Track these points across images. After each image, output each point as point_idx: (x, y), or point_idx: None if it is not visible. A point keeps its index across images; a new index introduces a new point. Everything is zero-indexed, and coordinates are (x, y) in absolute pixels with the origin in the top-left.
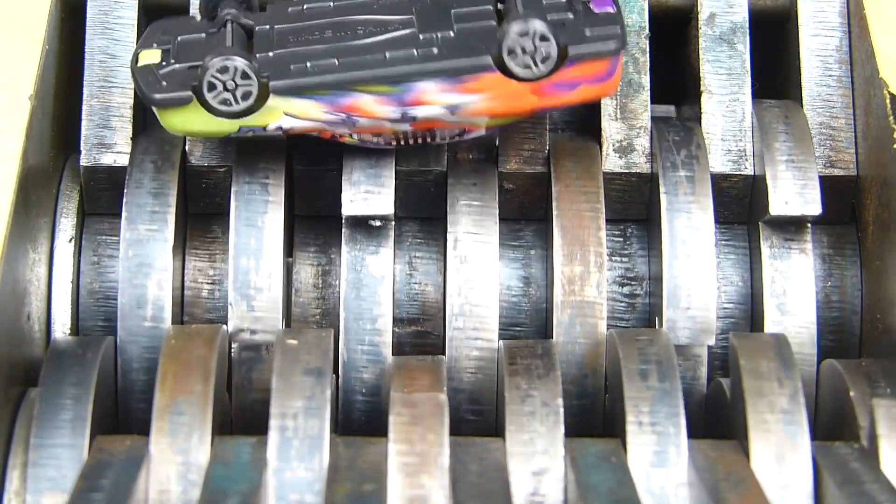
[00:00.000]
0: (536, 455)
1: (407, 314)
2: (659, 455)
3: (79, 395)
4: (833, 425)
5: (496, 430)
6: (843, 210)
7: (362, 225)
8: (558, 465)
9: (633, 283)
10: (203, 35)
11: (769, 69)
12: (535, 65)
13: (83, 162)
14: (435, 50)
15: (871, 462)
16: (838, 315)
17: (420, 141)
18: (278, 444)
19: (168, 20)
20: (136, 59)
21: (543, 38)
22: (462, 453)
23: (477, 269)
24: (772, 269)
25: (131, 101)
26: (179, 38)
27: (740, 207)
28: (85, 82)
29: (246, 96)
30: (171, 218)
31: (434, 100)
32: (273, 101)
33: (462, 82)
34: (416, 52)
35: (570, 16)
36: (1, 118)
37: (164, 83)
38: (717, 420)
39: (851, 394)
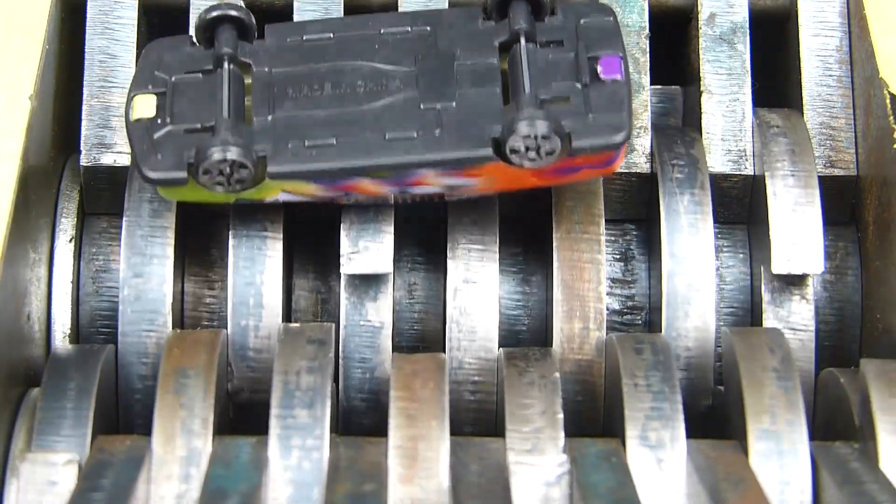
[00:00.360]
0: (537, 455)
1: (406, 343)
2: (658, 455)
3: (80, 399)
4: (830, 425)
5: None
6: (843, 210)
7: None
8: (559, 465)
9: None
10: (200, 76)
11: (769, 69)
12: (539, 157)
13: (83, 162)
14: (437, 132)
15: (870, 462)
16: (838, 315)
17: (419, 199)
18: (278, 443)
19: (164, 44)
20: (129, 104)
21: (545, 138)
22: (462, 453)
23: (476, 302)
24: (772, 315)
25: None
26: (175, 80)
27: (740, 207)
28: (85, 82)
29: (241, 181)
30: (172, 222)
31: (433, 181)
32: (270, 181)
33: (462, 168)
34: (416, 135)
35: (578, 86)
36: (1, 118)
37: (160, 156)
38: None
39: (850, 395)
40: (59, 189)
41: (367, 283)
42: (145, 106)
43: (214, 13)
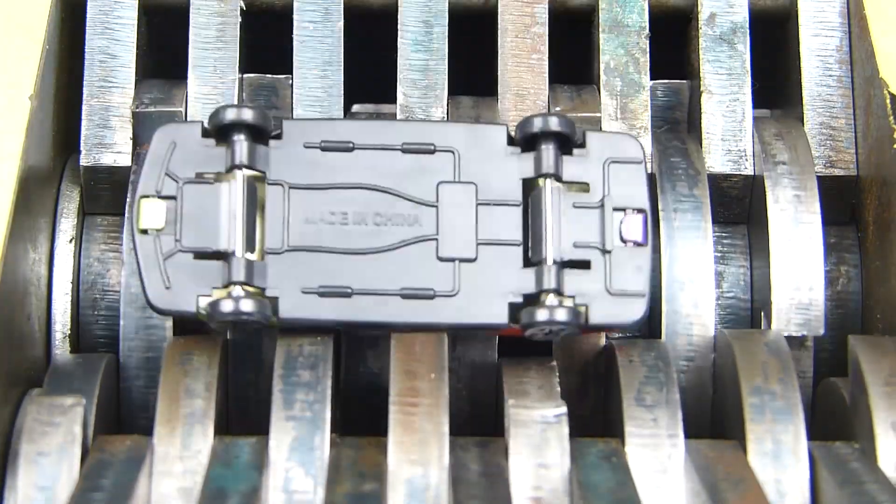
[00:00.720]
0: (538, 455)
1: None
2: (658, 455)
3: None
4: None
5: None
6: (843, 210)
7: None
8: (559, 465)
9: None
10: (212, 180)
11: (769, 69)
12: (556, 336)
13: (83, 162)
14: (454, 294)
15: (870, 462)
16: (838, 315)
17: None
18: (278, 443)
19: (175, 132)
20: (137, 207)
21: (559, 325)
22: (462, 453)
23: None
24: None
25: (131, 101)
26: (184, 185)
27: (740, 207)
28: (85, 82)
29: (253, 325)
30: None
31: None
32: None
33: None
34: (433, 292)
35: (599, 251)
36: (1, 118)
37: (168, 283)
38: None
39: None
40: (59, 189)
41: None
42: (153, 213)
43: (230, 117)
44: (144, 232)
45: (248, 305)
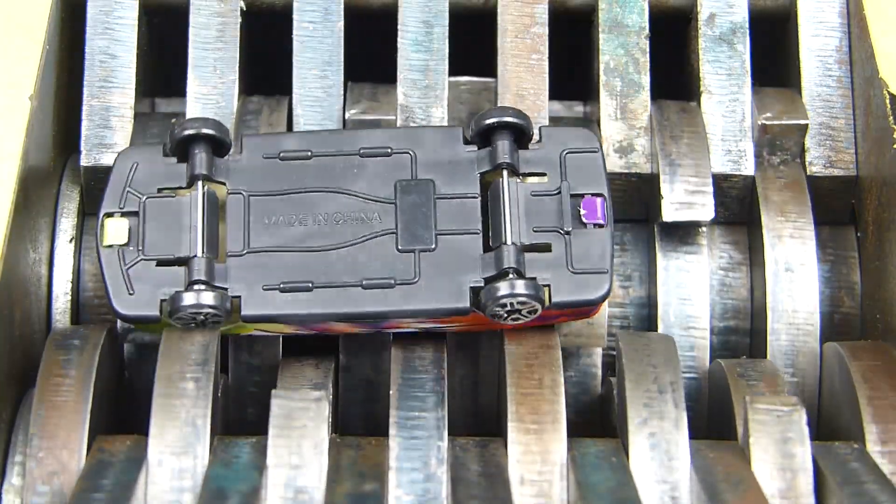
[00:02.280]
0: (537, 455)
1: None
2: (659, 456)
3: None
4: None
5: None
6: (843, 210)
7: None
8: (559, 465)
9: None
10: (172, 196)
11: (769, 70)
12: (521, 316)
13: (83, 162)
14: (415, 281)
15: (870, 461)
16: (838, 315)
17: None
18: (278, 443)
19: (136, 155)
20: (101, 226)
21: (524, 302)
22: (462, 453)
23: None
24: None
25: (131, 102)
26: (146, 200)
27: (740, 207)
28: (85, 82)
29: (214, 325)
30: None
31: (409, 325)
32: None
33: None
34: (393, 282)
35: (560, 233)
36: (1, 118)
37: (132, 291)
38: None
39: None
40: (60, 189)
41: None
42: (116, 231)
43: (188, 131)
44: (109, 247)
45: (208, 298)
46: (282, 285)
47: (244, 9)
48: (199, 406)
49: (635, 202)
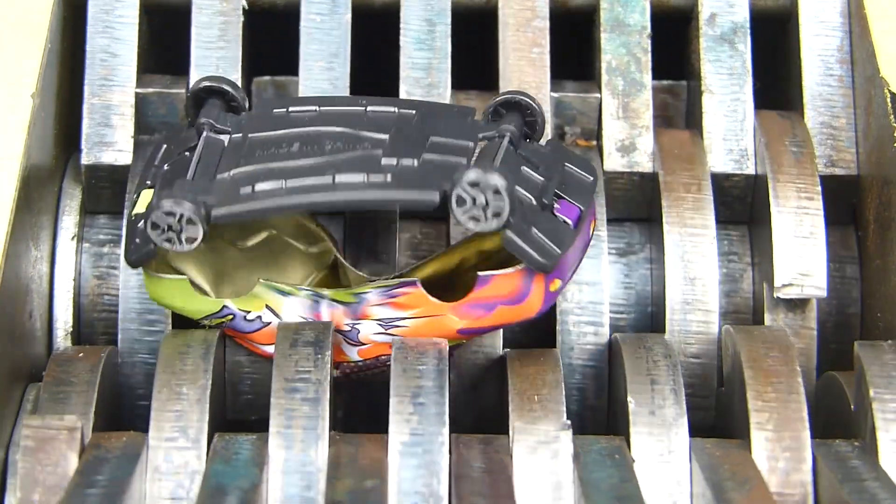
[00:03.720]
0: (541, 451)
1: None
2: (661, 453)
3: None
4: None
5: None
6: (844, 210)
7: None
8: (563, 462)
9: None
10: (186, 154)
11: (770, 69)
12: (486, 218)
13: (84, 160)
14: (388, 178)
15: (871, 459)
16: (838, 313)
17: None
18: (279, 440)
19: (174, 135)
20: (134, 203)
21: (497, 193)
22: (465, 450)
23: None
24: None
25: (132, 100)
26: (165, 168)
27: (742, 207)
28: (86, 81)
29: (190, 241)
30: None
31: (372, 313)
32: (258, 289)
33: (391, 297)
34: (365, 179)
35: (534, 202)
36: (3, 116)
37: (137, 240)
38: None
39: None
40: (62, 187)
41: None
42: (142, 201)
43: (201, 84)
44: (136, 216)
45: (183, 207)
46: (256, 188)
47: (246, 8)
48: (196, 401)
49: (637, 201)
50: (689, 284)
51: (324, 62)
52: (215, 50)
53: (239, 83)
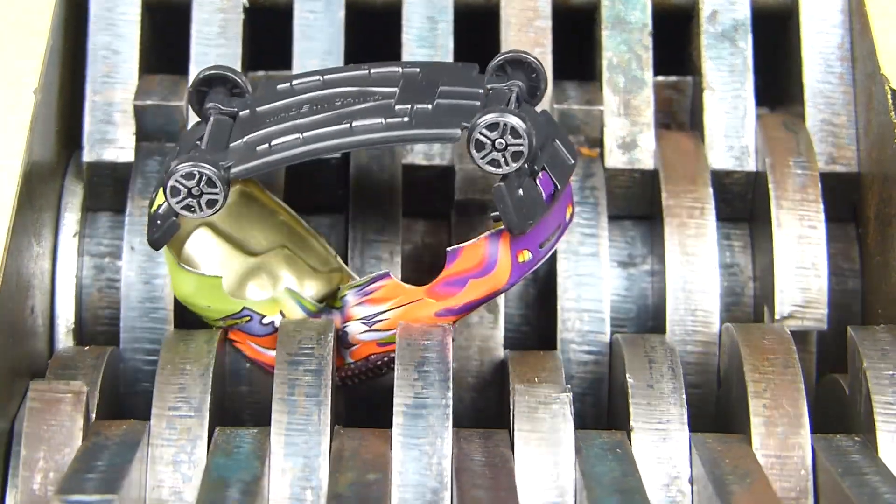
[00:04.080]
0: (544, 445)
1: None
2: (663, 447)
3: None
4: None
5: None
6: (845, 206)
7: None
8: (565, 456)
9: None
10: (198, 143)
11: (771, 66)
12: (505, 161)
13: (86, 157)
14: (405, 119)
15: (871, 454)
16: (839, 311)
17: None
18: (281, 433)
19: (185, 134)
20: (152, 201)
21: (516, 134)
22: (466, 444)
23: None
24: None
25: (133, 97)
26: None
27: (742, 204)
28: (88, 78)
29: (211, 204)
30: None
31: (354, 313)
32: (280, 294)
33: (366, 294)
34: (383, 122)
35: (524, 165)
36: (6, 113)
37: (158, 221)
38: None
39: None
40: (63, 184)
41: None
42: (162, 196)
43: (202, 75)
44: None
45: (204, 169)
46: (273, 144)
47: (247, 5)
48: (197, 391)
49: (638, 198)
50: (689, 286)
51: (318, 60)
52: (215, 47)
53: None
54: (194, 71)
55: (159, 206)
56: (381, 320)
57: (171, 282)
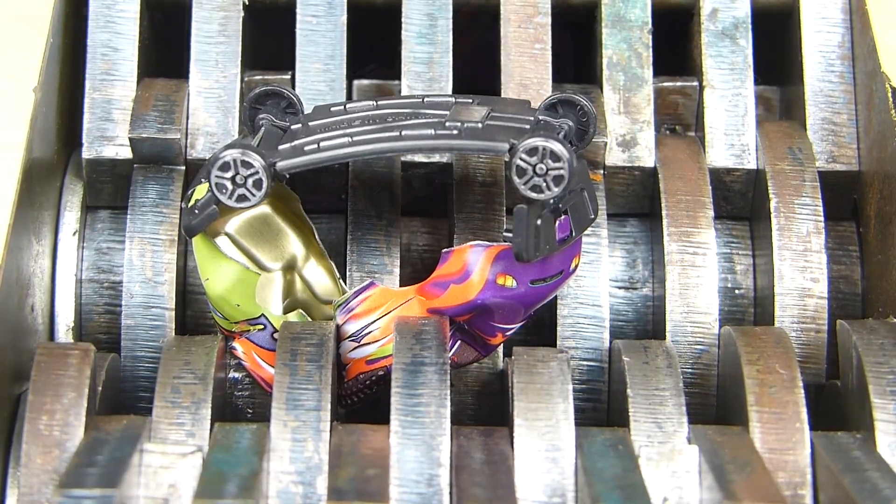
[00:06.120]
0: (545, 442)
1: None
2: (663, 443)
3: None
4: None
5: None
6: (845, 205)
7: None
8: (566, 452)
9: (633, 280)
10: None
11: (771, 65)
12: (547, 186)
13: (85, 155)
14: (454, 132)
15: (871, 450)
16: (840, 309)
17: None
18: (280, 429)
19: (232, 144)
20: (189, 196)
21: (555, 158)
22: (466, 441)
23: None
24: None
25: (133, 94)
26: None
27: (743, 202)
28: (87, 75)
29: (258, 185)
30: (175, 216)
31: (344, 332)
32: (295, 315)
33: (350, 310)
34: (433, 132)
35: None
36: (6, 110)
37: (196, 210)
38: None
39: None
40: (63, 182)
41: None
42: (199, 193)
43: (257, 91)
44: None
45: (233, 154)
46: (321, 144)
47: (246, 3)
48: (198, 387)
49: (638, 196)
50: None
51: (320, 64)
52: (215, 45)
53: (238, 79)
54: (194, 69)
55: (198, 200)
56: (368, 332)
57: (205, 275)
